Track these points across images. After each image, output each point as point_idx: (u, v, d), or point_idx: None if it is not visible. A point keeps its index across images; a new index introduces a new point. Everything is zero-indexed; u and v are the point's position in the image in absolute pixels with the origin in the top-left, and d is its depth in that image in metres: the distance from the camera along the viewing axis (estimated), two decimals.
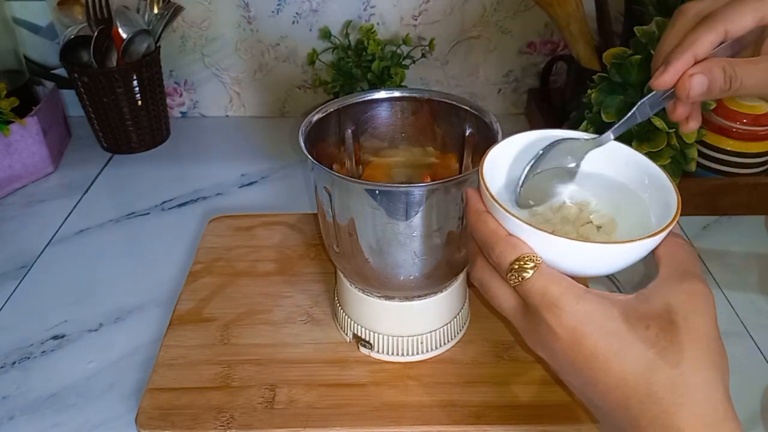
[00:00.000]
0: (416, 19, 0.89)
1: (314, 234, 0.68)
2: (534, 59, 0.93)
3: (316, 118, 0.51)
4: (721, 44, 0.37)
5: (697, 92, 0.37)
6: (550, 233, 0.34)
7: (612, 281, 0.59)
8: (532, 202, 0.41)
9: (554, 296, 0.33)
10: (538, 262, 0.34)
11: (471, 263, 0.39)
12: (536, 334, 0.35)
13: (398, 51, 0.81)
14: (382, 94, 0.54)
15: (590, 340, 0.32)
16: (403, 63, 0.81)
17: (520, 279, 0.34)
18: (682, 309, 0.33)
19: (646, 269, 0.47)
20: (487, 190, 0.36)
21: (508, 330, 0.55)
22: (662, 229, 0.34)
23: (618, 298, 0.34)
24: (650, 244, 0.34)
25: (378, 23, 0.89)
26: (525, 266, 0.34)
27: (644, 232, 0.34)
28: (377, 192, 0.44)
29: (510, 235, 0.35)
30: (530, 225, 0.34)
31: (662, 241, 0.35)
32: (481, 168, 0.38)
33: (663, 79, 0.37)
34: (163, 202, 0.78)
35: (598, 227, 0.39)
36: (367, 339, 0.53)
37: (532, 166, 0.40)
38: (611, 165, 0.41)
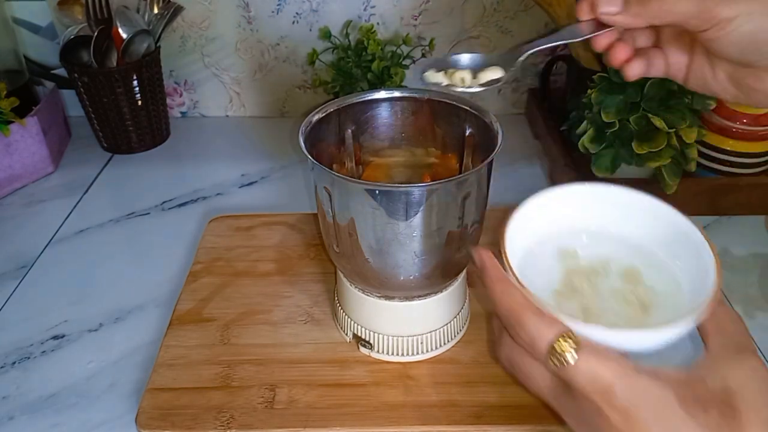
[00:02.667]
0: (416, 19, 0.89)
1: (314, 234, 0.68)
2: (534, 59, 0.93)
3: (316, 118, 0.51)
4: None
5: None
6: (583, 323, 0.32)
7: None
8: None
9: (605, 381, 0.31)
10: (577, 341, 0.32)
11: (497, 339, 0.37)
12: (580, 414, 0.33)
13: (398, 51, 0.81)
14: (382, 94, 0.54)
15: (644, 424, 0.31)
16: (403, 63, 0.81)
17: (564, 364, 0.32)
18: (741, 390, 0.31)
19: None
20: (513, 274, 0.34)
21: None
22: (704, 304, 0.32)
23: (672, 377, 0.32)
24: (691, 323, 0.33)
25: (378, 23, 0.89)
26: (566, 349, 0.32)
27: (678, 301, 0.33)
28: (377, 192, 0.44)
29: (539, 309, 0.33)
30: (563, 315, 0.32)
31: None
32: (504, 248, 0.35)
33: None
34: (163, 202, 0.78)
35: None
36: (367, 339, 0.53)
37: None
38: (633, 220, 0.39)
